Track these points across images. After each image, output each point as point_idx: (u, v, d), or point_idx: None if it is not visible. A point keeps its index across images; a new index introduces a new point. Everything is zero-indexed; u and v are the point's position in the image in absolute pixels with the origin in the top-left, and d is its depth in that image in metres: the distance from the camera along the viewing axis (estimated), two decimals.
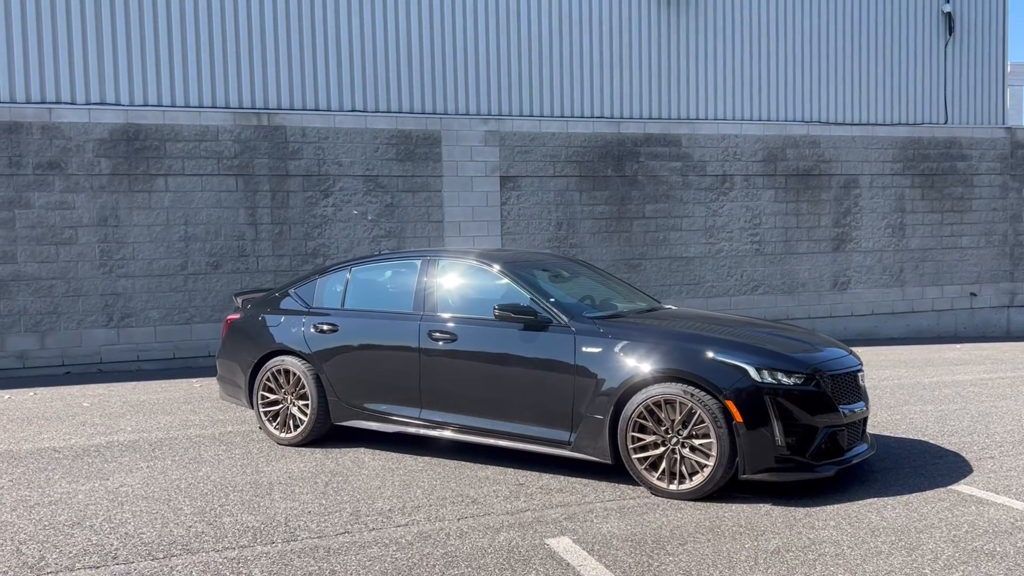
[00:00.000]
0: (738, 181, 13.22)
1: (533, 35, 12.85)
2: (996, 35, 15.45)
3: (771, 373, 5.19)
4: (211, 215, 10.89)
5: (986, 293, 14.57)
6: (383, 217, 11.62)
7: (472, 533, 4.69)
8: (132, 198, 10.60)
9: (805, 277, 13.59)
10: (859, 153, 13.79)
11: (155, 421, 7.58)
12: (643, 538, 4.59)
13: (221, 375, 7.26)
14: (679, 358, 5.32)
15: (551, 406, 5.64)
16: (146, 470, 5.96)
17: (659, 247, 12.86)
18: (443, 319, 6.13)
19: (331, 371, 6.45)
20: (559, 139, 12.36)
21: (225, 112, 11.02)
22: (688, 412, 5.19)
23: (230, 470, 5.94)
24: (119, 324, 10.59)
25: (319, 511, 5.06)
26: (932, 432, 6.96)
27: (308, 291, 6.91)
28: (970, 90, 15.40)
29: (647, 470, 5.31)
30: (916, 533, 4.63)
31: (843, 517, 4.89)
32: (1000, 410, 7.83)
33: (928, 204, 14.19)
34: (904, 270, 14.12)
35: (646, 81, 13.47)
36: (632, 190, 12.73)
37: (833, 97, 14.52)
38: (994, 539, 4.53)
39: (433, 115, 12.16)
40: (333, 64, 11.90)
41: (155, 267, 10.70)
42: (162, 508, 5.13)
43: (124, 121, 10.55)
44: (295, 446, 6.55)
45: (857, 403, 5.57)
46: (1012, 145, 14.58)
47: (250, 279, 10.99)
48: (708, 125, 13.16)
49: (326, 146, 11.33)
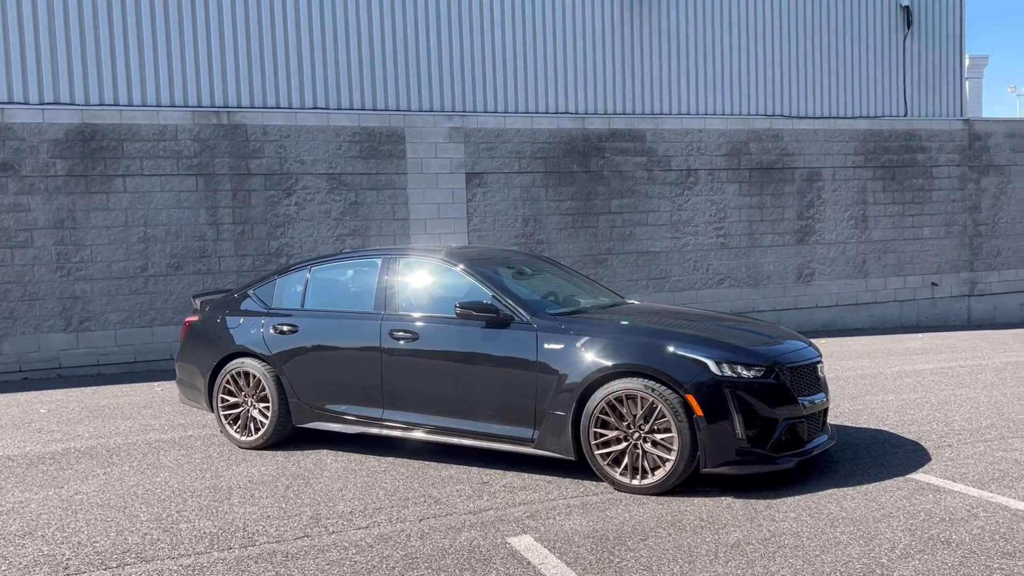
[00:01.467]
0: (703, 175, 13.29)
1: (497, 31, 12.81)
2: (954, 28, 15.68)
3: (731, 366, 5.21)
4: (171, 216, 10.71)
5: (947, 283, 14.80)
6: (347, 215, 11.51)
7: (433, 534, 4.65)
8: (89, 199, 10.40)
9: (770, 270, 13.70)
10: (821, 146, 13.92)
11: (114, 426, 7.44)
12: (605, 534, 4.58)
13: (180, 378, 7.14)
14: (640, 353, 5.32)
15: (514, 404, 5.61)
16: (103, 477, 5.85)
17: (625, 242, 12.88)
18: (404, 318, 6.08)
19: (292, 373, 6.37)
20: (524, 135, 12.33)
21: (184, 111, 10.85)
22: (649, 407, 5.19)
23: (189, 475, 5.85)
24: (78, 328, 10.39)
25: (278, 515, 4.99)
26: (892, 421, 7.05)
27: (268, 292, 6.82)
28: (929, 83, 15.62)
29: (610, 466, 5.31)
30: (874, 523, 4.67)
31: (803, 508, 4.92)
32: (959, 398, 7.94)
33: (889, 196, 14.36)
34: (867, 261, 14.28)
35: (610, 77, 13.48)
36: (598, 185, 12.74)
37: (795, 91, 14.65)
38: (950, 527, 4.59)
39: (397, 112, 12.06)
40: (294, 61, 11.77)
41: (114, 269, 10.50)
42: (117, 515, 5.03)
43: (80, 121, 10.34)
44: (256, 449, 6.47)
45: (817, 394, 5.61)
46: (970, 137, 14.81)
47: (212, 280, 10.84)
48: (672, 120, 13.20)
49: (288, 144, 11.20)
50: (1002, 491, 5.15)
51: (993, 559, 4.15)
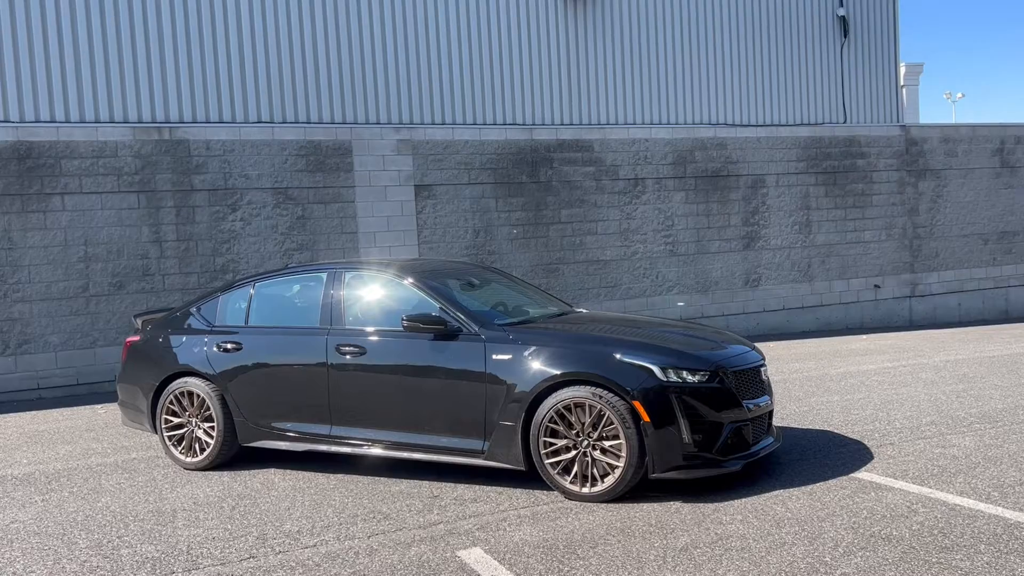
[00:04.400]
0: (650, 184, 13.45)
1: (443, 43, 12.82)
2: (888, 37, 16.15)
3: (676, 372, 5.26)
4: (112, 234, 10.48)
5: (889, 285, 15.18)
6: (295, 230, 11.39)
7: (382, 550, 4.60)
8: (26, 219, 10.13)
9: (718, 275, 13.90)
10: (764, 153, 14.20)
11: (53, 451, 7.23)
12: (555, 543, 4.58)
13: (122, 400, 6.98)
14: (587, 361, 5.35)
15: (463, 415, 5.59)
16: (40, 504, 5.67)
17: (576, 251, 12.97)
18: (351, 332, 6.02)
19: (237, 391, 6.26)
20: (473, 146, 12.35)
21: (124, 127, 10.64)
22: (597, 414, 5.21)
23: (131, 499, 5.70)
24: (16, 351, 10.08)
25: (224, 536, 4.89)
26: (837, 422, 7.18)
27: (211, 309, 6.71)
28: (866, 90, 16.05)
29: (560, 474, 5.31)
30: (818, 522, 4.75)
31: (750, 510, 4.98)
32: (901, 397, 8.14)
33: (832, 201, 14.70)
34: (812, 265, 14.58)
35: (557, 87, 13.59)
36: (547, 196, 12.81)
37: (738, 100, 14.92)
38: (891, 523, 4.68)
39: (343, 125, 11.99)
40: (237, 75, 11.63)
41: (54, 290, 10.23)
42: (55, 543, 4.88)
43: (15, 139, 10.07)
44: (202, 470, 6.34)
45: (761, 397, 5.70)
46: (907, 142, 15.24)
47: (156, 299, 10.62)
48: (619, 130, 13.35)
49: (232, 159, 11.05)
50: (941, 487, 5.28)
51: (932, 553, 4.25)
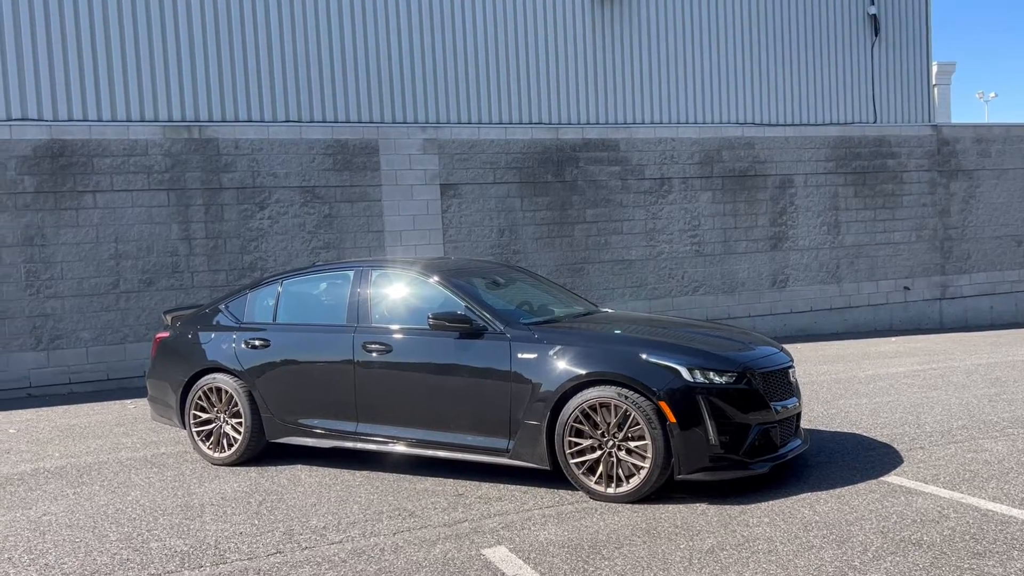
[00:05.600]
0: (676, 184, 13.37)
1: (470, 42, 12.84)
2: (920, 35, 15.92)
3: (703, 373, 5.23)
4: (143, 231, 10.62)
5: (919, 287, 14.97)
6: (321, 228, 11.46)
7: (407, 547, 4.62)
8: (59, 216, 10.28)
9: (744, 276, 13.79)
10: (792, 153, 14.07)
11: (85, 445, 7.34)
12: (579, 543, 4.57)
13: (152, 395, 7.07)
14: (613, 361, 5.33)
15: (488, 414, 5.60)
16: (72, 497, 5.76)
17: (601, 251, 12.93)
18: (378, 330, 6.05)
19: (264, 387, 6.32)
20: (498, 146, 12.36)
21: (154, 126, 10.77)
22: (623, 414, 5.19)
23: (160, 493, 5.77)
24: (48, 346, 10.25)
25: (251, 532, 4.93)
26: (866, 425, 7.10)
27: (239, 306, 6.77)
28: (897, 89, 15.84)
29: (585, 474, 5.30)
30: (847, 526, 4.70)
31: (777, 513, 4.94)
32: (931, 401, 8.02)
33: (861, 201, 14.53)
34: (840, 266, 14.42)
35: (583, 87, 13.55)
36: (573, 195, 12.79)
37: (766, 98, 14.79)
38: (921, 528, 4.62)
39: (370, 124, 12.05)
40: (265, 74, 11.72)
41: (85, 286, 10.38)
42: (86, 536, 4.95)
43: (48, 137, 10.24)
44: (229, 465, 6.40)
45: (789, 399, 5.64)
46: (939, 142, 15.02)
47: (185, 295, 10.74)
48: (645, 129, 13.29)
49: (260, 158, 11.15)
50: (973, 492, 5.20)
51: (964, 559, 4.19)
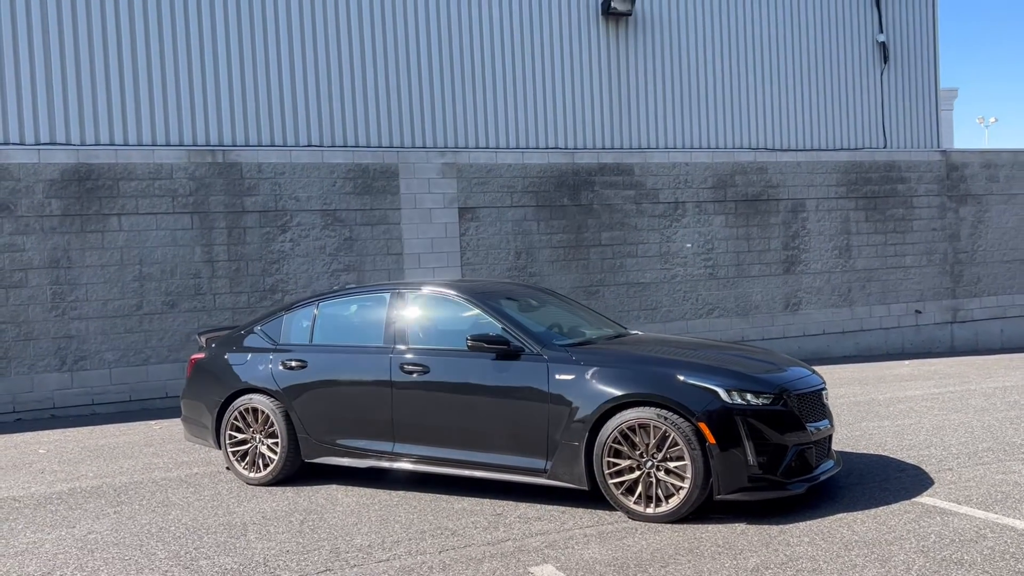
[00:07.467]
0: (690, 208, 13.52)
1: (488, 68, 13.04)
2: (928, 62, 16.16)
3: (740, 394, 5.32)
4: (166, 254, 10.74)
5: (930, 310, 15.08)
6: (342, 251, 11.58)
7: (455, 565, 4.68)
8: (84, 239, 10.41)
9: (758, 299, 13.90)
10: (804, 178, 14.23)
11: (117, 466, 7.40)
12: (625, 562, 4.64)
13: (186, 415, 7.13)
14: (651, 382, 5.42)
15: (526, 435, 5.68)
16: (113, 516, 5.82)
17: (616, 273, 13.05)
18: (414, 351, 6.14)
19: (301, 408, 6.40)
20: (515, 170, 12.52)
21: (179, 150, 10.93)
22: (662, 435, 5.27)
23: (201, 512, 5.83)
24: (72, 367, 10.33)
25: (297, 550, 5.00)
26: (891, 447, 7.17)
27: (275, 328, 6.86)
28: (906, 115, 16.04)
29: (624, 494, 5.37)
30: (887, 545, 4.76)
31: (816, 533, 5.01)
32: (953, 423, 8.10)
33: (872, 226, 14.68)
34: (852, 290, 14.54)
35: (599, 112, 13.74)
36: (588, 218, 12.93)
37: (778, 124, 14.99)
38: (961, 548, 4.69)
39: (390, 148, 12.22)
40: (288, 100, 11.90)
41: (109, 308, 10.48)
42: (135, 554, 5.01)
43: (75, 161, 10.39)
44: (265, 485, 6.46)
45: (822, 420, 5.73)
46: (947, 167, 15.20)
47: (208, 317, 10.84)
48: (659, 154, 13.46)
49: (283, 181, 11.29)
50: (1007, 512, 5.27)
51: None
